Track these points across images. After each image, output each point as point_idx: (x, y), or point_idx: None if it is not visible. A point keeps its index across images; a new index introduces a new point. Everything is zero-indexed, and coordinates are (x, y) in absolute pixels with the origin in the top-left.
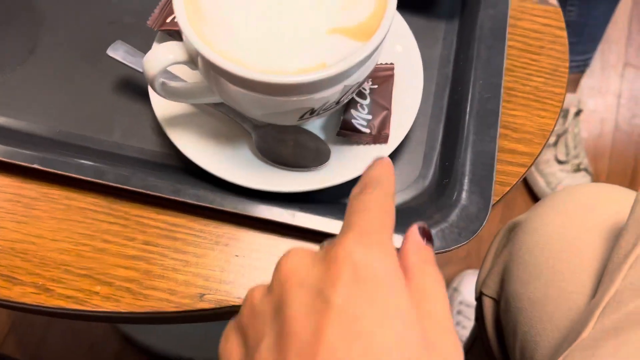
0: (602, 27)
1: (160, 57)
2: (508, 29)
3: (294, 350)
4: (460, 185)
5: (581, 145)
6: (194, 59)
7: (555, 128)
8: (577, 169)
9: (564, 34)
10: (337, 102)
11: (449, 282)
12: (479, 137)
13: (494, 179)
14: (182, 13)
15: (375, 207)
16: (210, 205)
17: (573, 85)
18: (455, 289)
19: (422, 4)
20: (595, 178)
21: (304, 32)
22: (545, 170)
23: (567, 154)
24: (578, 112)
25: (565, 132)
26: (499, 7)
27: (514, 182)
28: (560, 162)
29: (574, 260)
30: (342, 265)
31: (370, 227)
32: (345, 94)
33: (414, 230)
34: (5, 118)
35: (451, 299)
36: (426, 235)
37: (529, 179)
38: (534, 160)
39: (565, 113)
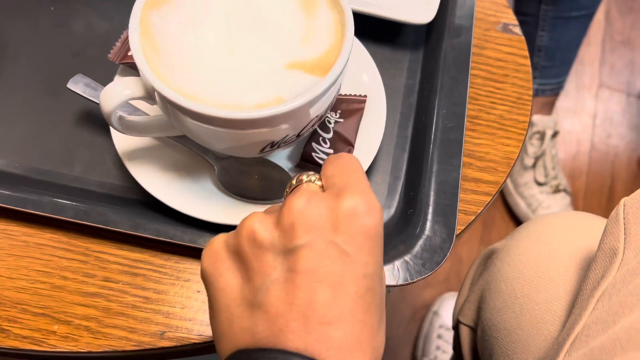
0: (574, 50)
1: (117, 93)
2: (472, 58)
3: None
4: (425, 216)
5: (559, 167)
6: (151, 95)
7: (534, 150)
8: (557, 190)
9: (528, 62)
10: (298, 135)
11: (428, 306)
12: (442, 166)
13: (458, 208)
14: (138, 48)
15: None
16: (171, 240)
17: (548, 107)
18: (435, 313)
19: (386, 34)
20: (573, 198)
21: (262, 66)
22: (525, 192)
23: (546, 176)
24: (555, 134)
25: (543, 154)
26: (462, 37)
27: (479, 211)
28: (539, 184)
29: (548, 290)
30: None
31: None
32: (305, 127)
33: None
34: None
35: (431, 323)
36: None
37: (509, 201)
38: (499, 189)
39: (542, 135)
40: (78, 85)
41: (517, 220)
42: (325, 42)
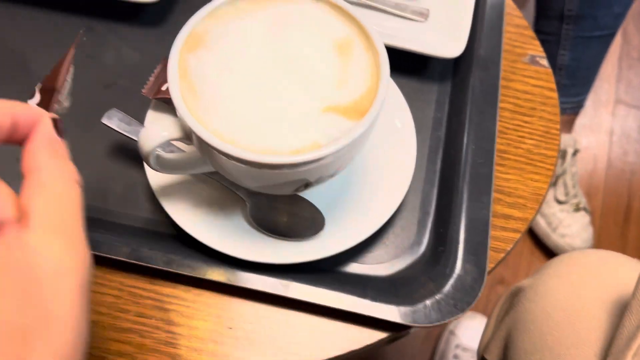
0: (595, 69)
1: (155, 135)
2: (500, 91)
3: None
4: (455, 254)
5: (578, 185)
6: (188, 135)
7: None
8: (577, 209)
9: (555, 95)
10: (332, 175)
11: (445, 325)
12: (472, 203)
13: (489, 246)
14: (177, 91)
15: None
16: (203, 277)
17: (568, 125)
18: (452, 332)
19: (413, 66)
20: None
21: (298, 111)
22: (545, 210)
23: (567, 194)
24: (575, 152)
25: (564, 172)
26: (490, 70)
27: (508, 249)
28: (560, 202)
29: (579, 335)
30: None
31: None
32: (340, 167)
33: (46, 122)
34: None
35: (447, 343)
36: (58, 128)
37: None
38: (528, 226)
39: (563, 153)
40: (112, 119)
41: (536, 238)
42: (361, 86)
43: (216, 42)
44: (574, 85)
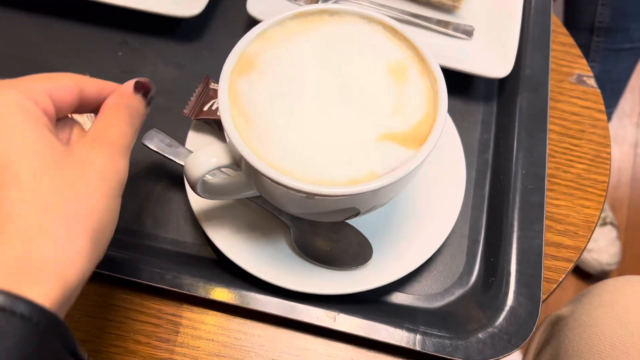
0: (624, 82)
1: (204, 162)
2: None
3: None
4: (507, 285)
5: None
6: (237, 163)
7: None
8: (604, 223)
9: (604, 117)
10: (385, 204)
11: None
12: (524, 232)
13: (542, 278)
14: (228, 117)
15: None
16: (247, 306)
17: None
18: None
19: (458, 86)
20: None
21: (353, 138)
22: None
23: None
24: None
25: None
26: (539, 91)
27: (560, 279)
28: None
29: None
30: None
31: None
32: (394, 196)
33: (130, 82)
34: None
35: None
36: (143, 89)
37: None
38: (580, 255)
39: None
40: (153, 140)
41: None
42: (418, 113)
43: (267, 66)
44: (607, 97)
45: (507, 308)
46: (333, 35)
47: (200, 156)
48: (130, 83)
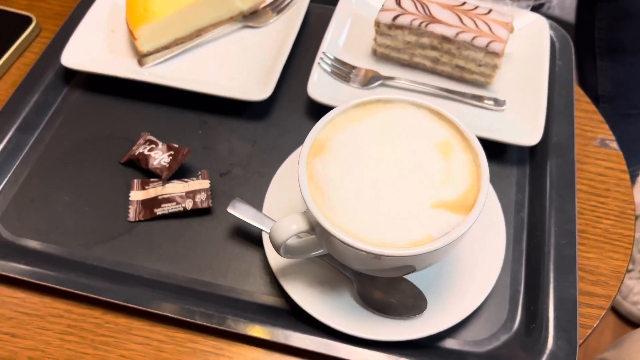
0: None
1: (287, 229)
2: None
3: None
4: (547, 331)
5: None
6: (313, 227)
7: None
8: None
9: (627, 176)
10: (438, 262)
11: None
12: (560, 283)
13: (578, 323)
14: (307, 191)
15: None
16: (319, 351)
17: None
18: None
19: (493, 151)
20: None
21: (410, 206)
22: None
23: (633, 261)
24: (635, 218)
25: None
26: (566, 156)
27: (594, 325)
28: (626, 270)
29: None
30: None
31: None
32: (446, 256)
33: None
34: (138, 266)
35: None
36: None
37: None
38: (612, 302)
39: None
40: (236, 209)
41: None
42: (463, 183)
43: (336, 148)
44: (625, 158)
45: (547, 351)
46: (388, 120)
47: (284, 223)
48: None
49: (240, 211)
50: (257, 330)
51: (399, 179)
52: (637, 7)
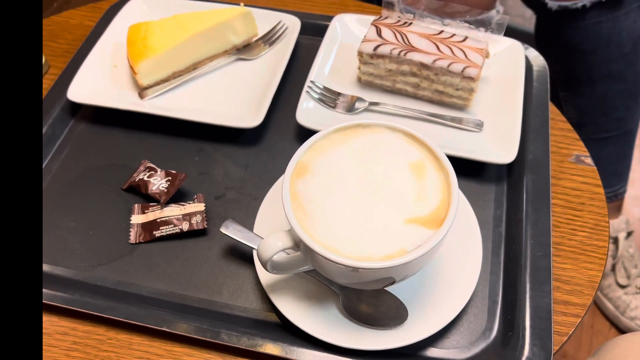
0: (623, 162)
1: (272, 246)
2: (551, 189)
3: None
4: (523, 339)
5: None
6: (297, 244)
7: (610, 254)
8: None
9: (601, 190)
10: (414, 273)
11: None
12: (535, 292)
13: (552, 331)
14: (290, 210)
15: None
16: None
17: (615, 210)
18: None
19: (472, 170)
20: None
21: (385, 223)
22: (610, 294)
23: (628, 277)
24: (629, 234)
25: (620, 257)
26: (541, 173)
27: (570, 332)
28: (622, 286)
29: None
30: None
31: None
32: (421, 267)
33: None
34: (138, 285)
35: None
36: None
37: (598, 303)
38: (587, 311)
39: (615, 240)
40: (229, 229)
41: (610, 322)
42: (435, 200)
43: (317, 170)
44: (604, 178)
45: (524, 358)
46: (366, 143)
47: (269, 241)
48: None
49: (233, 231)
50: (249, 343)
51: (376, 198)
52: (579, 40)
